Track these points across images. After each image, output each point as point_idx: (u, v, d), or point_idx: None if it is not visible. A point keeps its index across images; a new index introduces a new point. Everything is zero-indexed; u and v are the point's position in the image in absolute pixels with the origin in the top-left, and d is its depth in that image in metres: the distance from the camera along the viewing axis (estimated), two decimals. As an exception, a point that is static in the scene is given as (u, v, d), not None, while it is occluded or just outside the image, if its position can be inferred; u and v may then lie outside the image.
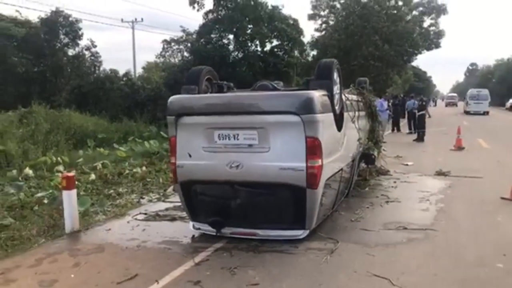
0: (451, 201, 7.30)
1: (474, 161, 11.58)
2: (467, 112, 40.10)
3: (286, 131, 5.03)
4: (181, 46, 39.35)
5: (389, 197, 7.56)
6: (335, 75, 5.80)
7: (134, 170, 10.47)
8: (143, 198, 8.06)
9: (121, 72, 33.84)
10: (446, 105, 67.12)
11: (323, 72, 5.68)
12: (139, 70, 44.11)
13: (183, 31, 34.30)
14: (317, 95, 5.11)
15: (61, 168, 11.13)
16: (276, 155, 5.04)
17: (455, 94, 79.09)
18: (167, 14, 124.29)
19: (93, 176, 9.48)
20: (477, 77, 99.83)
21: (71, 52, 32.46)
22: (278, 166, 5.01)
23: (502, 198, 7.32)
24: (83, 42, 32.29)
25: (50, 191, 8.24)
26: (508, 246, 5.07)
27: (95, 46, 32.99)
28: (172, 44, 41.92)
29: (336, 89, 5.81)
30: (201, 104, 5.51)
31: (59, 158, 12.19)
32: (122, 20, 41.77)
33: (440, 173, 9.63)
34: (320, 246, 5.14)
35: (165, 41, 38.13)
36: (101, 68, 33.88)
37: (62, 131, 19.35)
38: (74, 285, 4.31)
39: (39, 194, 7.91)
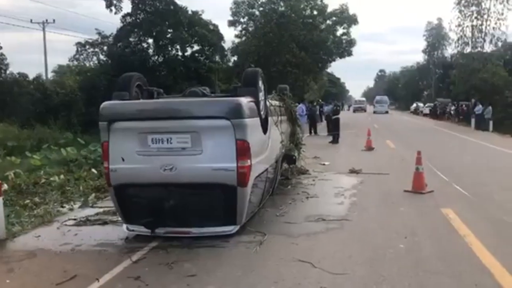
0: (363, 195, 8.16)
1: (382, 160, 12.85)
2: (375, 112, 55.42)
3: (217, 134, 5.42)
4: (97, 49, 37.97)
5: (309, 193, 8.24)
6: (260, 83, 6.33)
7: (51, 178, 10.05)
8: (63, 207, 7.87)
9: (31, 76, 31.93)
10: (355, 111, 60.62)
11: (249, 80, 6.17)
12: (50, 74, 41.78)
13: (99, 34, 33.20)
14: (245, 101, 5.57)
15: (-35, 178, 10.39)
16: (209, 157, 5.40)
17: (363, 99, 76.91)
18: (81, 16, 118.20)
19: (5, 186, 9.00)
20: (385, 82, 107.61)
21: (-28, 54, 29.89)
22: (210, 167, 5.38)
23: (405, 191, 8.31)
24: (-15, 43, 29.78)
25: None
26: (409, 230, 5.90)
27: (0, 48, 30.66)
28: (87, 47, 40.22)
29: (261, 95, 6.33)
30: (134, 109, 5.72)
31: (-38, 168, 11.39)
32: (31, 20, 39.39)
33: (353, 171, 10.58)
34: (250, 239, 5.58)
35: (79, 43, 36.45)
36: (8, 72, 31.56)
37: (-35, 139, 17.98)
38: (12, 289, 4.34)
39: None
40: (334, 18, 34.90)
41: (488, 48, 32.55)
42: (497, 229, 5.96)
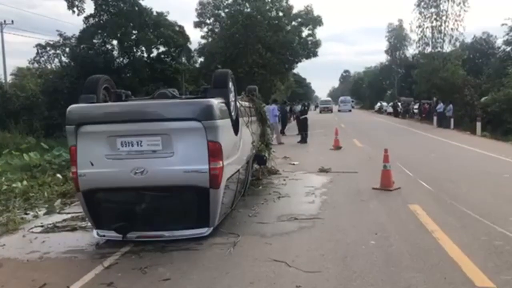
0: (333, 194, 8.29)
1: (350, 159, 13.09)
2: (339, 111, 60.87)
3: (188, 136, 5.37)
4: (58, 51, 36.86)
5: (280, 193, 8.30)
6: (230, 84, 6.32)
7: (14, 185, 9.69)
8: (27, 214, 7.59)
9: (-12, 79, 30.74)
10: (321, 111, 59.16)
11: (219, 81, 6.16)
12: (9, 77, 40.22)
13: (60, 35, 32.26)
14: (216, 103, 5.55)
15: None
16: (180, 159, 5.35)
17: (329, 99, 75.97)
18: (41, 17, 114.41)
19: (-38, 194, 8.62)
20: (350, 82, 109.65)
21: None
22: (182, 170, 5.33)
23: (373, 189, 8.50)
24: None
25: None
26: (379, 227, 6.04)
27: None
28: (48, 48, 38.98)
29: (232, 96, 6.32)
30: (103, 112, 5.60)
31: None
32: (-12, 21, 37.77)
33: (322, 170, 10.73)
34: (223, 241, 5.57)
35: (39, 45, 35.22)
36: (-37, 74, 30.29)
37: None
38: (-23, 302, 4.17)
39: None
40: (299, 20, 35.32)
41: (447, 48, 33.67)
42: (463, 223, 6.17)
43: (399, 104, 46.68)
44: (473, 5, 48.23)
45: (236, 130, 6.45)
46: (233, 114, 6.27)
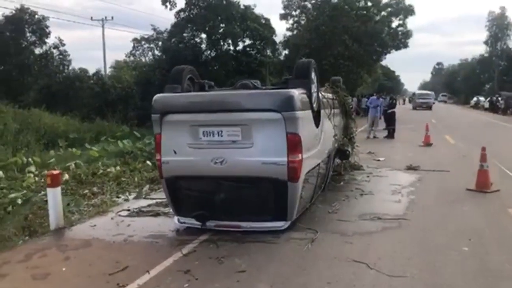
0: (421, 193, 7.72)
1: (441, 156, 12.17)
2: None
3: (268, 127, 5.27)
4: (152, 45, 39.05)
5: (363, 190, 7.91)
6: (313, 75, 6.11)
7: (108, 169, 10.38)
8: (119, 197, 8.06)
9: (91, 71, 33.42)
10: (415, 108, 47.12)
11: (301, 72, 5.97)
12: (108, 69, 43.47)
13: (154, 29, 34.10)
14: (297, 94, 5.38)
15: (32, 168, 10.82)
16: (259, 151, 5.28)
17: (428, 92, 58.05)
18: (138, 12, 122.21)
19: (66, 176, 9.36)
20: (443, 76, 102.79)
21: (38, 50, 31.72)
22: (260, 161, 5.25)
23: (468, 190, 7.79)
24: (51, 41, 31.62)
25: (24, 191, 8.15)
26: (473, 232, 5.48)
27: (63, 45, 32.32)
28: (143, 42, 41.54)
29: (314, 87, 6.11)
30: (186, 102, 5.70)
31: (30, 159, 11.92)
32: (91, 18, 41.12)
33: (410, 168, 10.07)
34: (301, 236, 5.40)
35: (135, 39, 37.59)
36: (70, 67, 33.26)
37: (32, 131, 19.06)
38: (67, 278, 4.43)
39: (12, 195, 7.74)
40: (389, 9, 33.62)
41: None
42: None
43: (499, 99, 42.76)
44: None
45: (317, 122, 6.23)
46: (314, 105, 6.05)
